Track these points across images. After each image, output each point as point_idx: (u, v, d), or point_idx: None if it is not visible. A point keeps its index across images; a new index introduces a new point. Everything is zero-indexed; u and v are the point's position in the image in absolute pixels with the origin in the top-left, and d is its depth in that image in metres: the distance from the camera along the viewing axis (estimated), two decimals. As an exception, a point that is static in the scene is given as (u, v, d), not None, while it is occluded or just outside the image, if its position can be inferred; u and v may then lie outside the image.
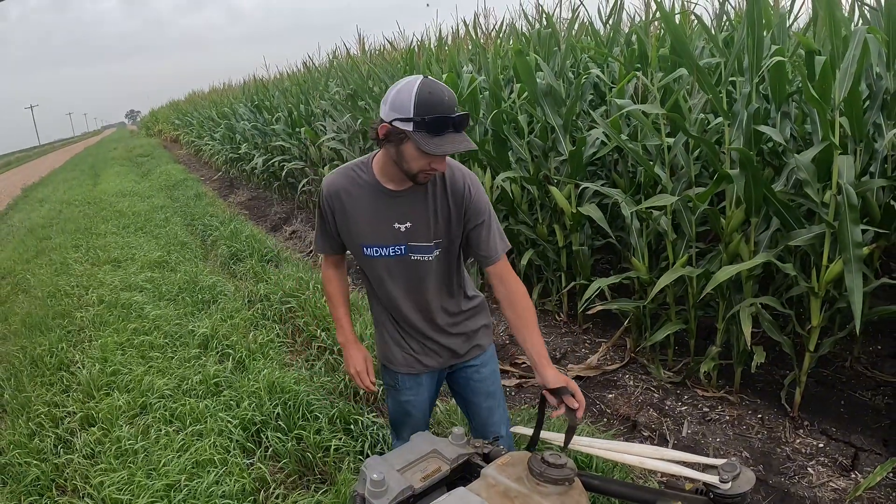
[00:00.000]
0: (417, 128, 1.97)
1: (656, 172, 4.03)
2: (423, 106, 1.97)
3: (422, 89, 1.98)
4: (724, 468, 1.60)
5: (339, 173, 2.31)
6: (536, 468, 1.72)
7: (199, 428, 3.66)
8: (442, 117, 1.97)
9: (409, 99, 1.97)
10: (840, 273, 3.27)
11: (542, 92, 4.68)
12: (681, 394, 4.17)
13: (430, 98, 1.97)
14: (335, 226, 2.34)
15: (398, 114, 2.00)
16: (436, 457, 2.00)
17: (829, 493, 3.19)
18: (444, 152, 2.00)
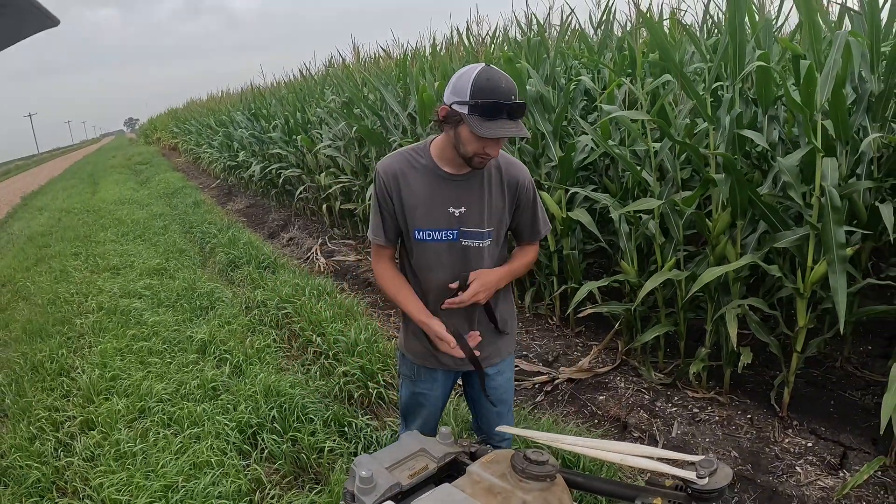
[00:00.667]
0: (472, 111, 2.06)
1: (643, 177, 4.10)
2: (479, 91, 2.05)
3: (480, 75, 2.07)
4: (701, 464, 1.63)
5: (395, 156, 2.35)
6: (519, 465, 1.77)
7: (197, 431, 3.74)
8: (496, 103, 2.05)
9: (468, 83, 2.06)
10: (825, 274, 3.32)
11: (532, 99, 4.76)
12: (671, 395, 4.22)
13: (486, 84, 2.06)
14: (394, 208, 2.34)
15: (457, 97, 2.09)
16: (423, 455, 2.06)
17: (816, 492, 3.22)
18: (495, 135, 2.06)
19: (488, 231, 2.36)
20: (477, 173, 2.32)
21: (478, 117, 2.06)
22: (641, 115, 3.90)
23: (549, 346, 5.05)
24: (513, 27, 7.17)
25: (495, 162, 2.34)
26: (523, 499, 1.73)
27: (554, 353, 4.92)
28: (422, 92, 5.71)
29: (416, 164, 2.32)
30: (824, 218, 3.28)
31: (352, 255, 8.10)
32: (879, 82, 3.68)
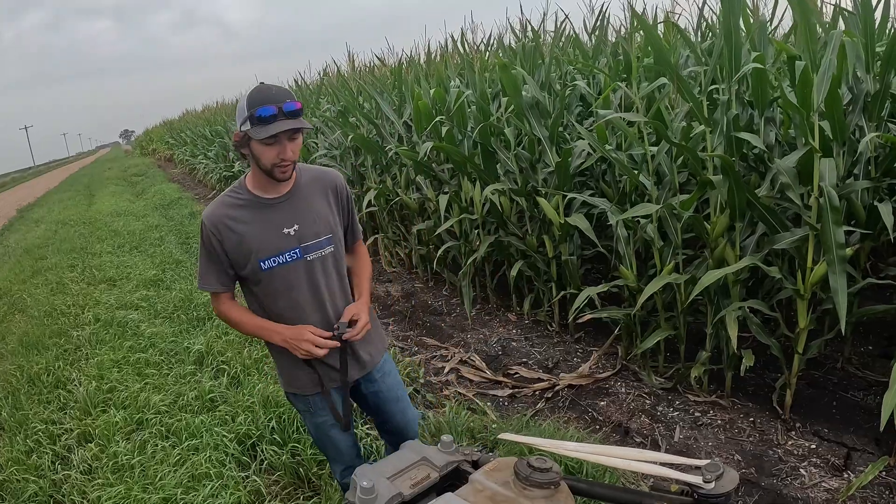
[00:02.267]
0: (252, 123, 2.16)
1: (641, 181, 4.09)
2: (252, 102, 2.16)
3: (252, 92, 2.19)
4: (707, 468, 1.60)
5: (217, 204, 2.38)
6: (522, 472, 1.74)
7: (195, 442, 3.71)
8: (268, 106, 2.13)
9: (244, 102, 2.18)
10: (824, 275, 3.31)
11: (528, 105, 4.75)
12: (672, 399, 4.20)
13: (258, 95, 2.17)
14: (225, 255, 2.36)
15: (240, 118, 2.20)
16: (425, 464, 2.04)
17: (821, 494, 3.21)
18: (271, 132, 2.13)
19: (326, 238, 2.45)
20: (295, 190, 2.41)
21: (258, 126, 2.15)
22: (638, 117, 3.89)
23: (549, 353, 5.03)
24: (507, 34, 7.17)
25: (307, 176, 2.46)
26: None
27: (554, 360, 4.90)
28: (417, 100, 5.69)
29: (239, 202, 2.36)
30: (823, 218, 3.27)
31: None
32: (875, 82, 3.68)
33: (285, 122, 2.17)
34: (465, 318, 5.80)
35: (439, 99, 5.64)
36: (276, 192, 2.38)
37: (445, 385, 4.66)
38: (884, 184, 3.78)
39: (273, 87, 2.25)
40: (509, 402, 4.42)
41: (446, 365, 4.93)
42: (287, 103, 2.18)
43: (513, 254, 5.45)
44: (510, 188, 5.09)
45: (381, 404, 2.72)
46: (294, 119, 2.20)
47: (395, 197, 6.75)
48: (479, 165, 5.22)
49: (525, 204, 5.10)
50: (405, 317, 6.15)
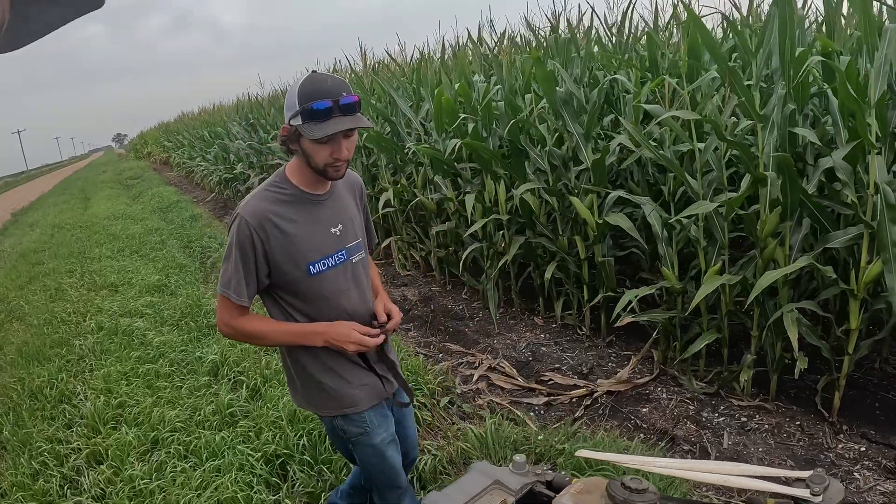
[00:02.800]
0: (305, 118, 1.98)
1: (689, 179, 3.89)
2: (305, 96, 1.97)
3: (304, 83, 2.00)
4: (812, 480, 1.52)
5: (259, 197, 2.13)
6: (619, 495, 1.57)
7: (218, 463, 3.43)
8: (323, 101, 1.96)
9: (295, 94, 2.00)
10: (879, 274, 3.23)
11: (562, 100, 4.51)
12: (716, 405, 4.04)
13: (311, 87, 1.98)
14: (265, 258, 2.09)
15: (290, 111, 2.01)
16: (499, 488, 1.88)
17: (878, 497, 3.11)
18: (328, 132, 1.96)
19: (359, 242, 2.31)
20: (336, 186, 2.25)
21: (310, 123, 1.98)
22: (692, 115, 3.69)
23: (582, 358, 4.81)
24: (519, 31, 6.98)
25: None
26: None
27: (588, 365, 4.68)
28: (439, 96, 5.43)
29: (284, 197, 2.14)
30: (879, 216, 3.18)
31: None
32: None
33: (341, 120, 1.98)
34: (489, 322, 5.58)
35: (463, 95, 5.39)
36: (323, 188, 2.20)
37: (477, 394, 4.42)
38: None
39: (328, 76, 2.05)
40: (545, 411, 4.20)
41: (475, 372, 4.69)
42: (344, 97, 1.98)
43: (541, 255, 5.22)
44: (542, 187, 4.84)
45: (403, 420, 2.55)
46: (351, 115, 2.01)
47: (413, 198, 6.49)
48: (507, 163, 4.97)
49: (556, 204, 4.85)
50: (426, 322, 5.89)
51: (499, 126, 5.24)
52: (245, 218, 2.06)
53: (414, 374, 4.27)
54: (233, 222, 2.10)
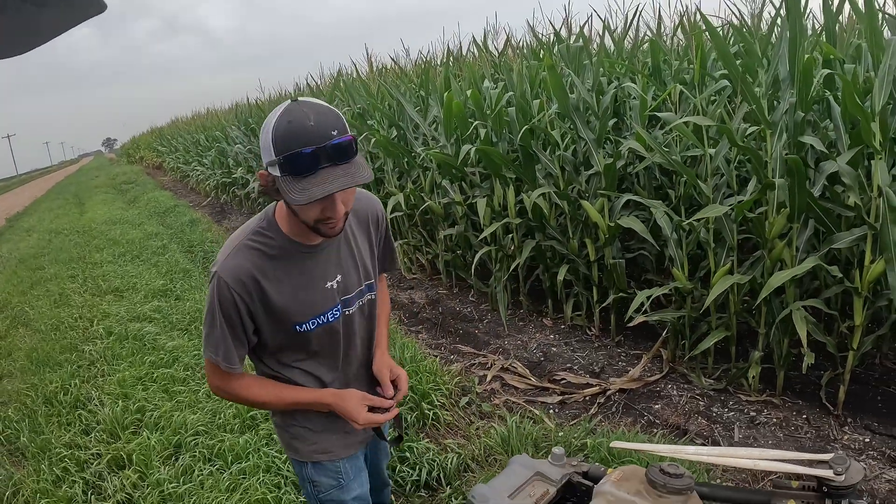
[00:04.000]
0: (283, 171, 1.55)
1: (699, 183, 3.99)
2: (281, 141, 1.53)
3: (280, 120, 1.54)
4: (834, 461, 1.62)
5: (241, 253, 1.76)
6: (658, 480, 1.69)
7: (244, 465, 3.49)
8: (305, 148, 1.51)
9: (267, 137, 1.56)
10: (882, 272, 3.38)
11: (574, 106, 4.59)
12: (725, 400, 4.15)
13: (289, 128, 1.53)
14: (251, 320, 1.80)
15: (266, 156, 1.58)
16: (540, 479, 1.99)
17: (884, 485, 3.25)
18: (312, 197, 1.53)
19: (368, 284, 1.99)
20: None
21: (290, 178, 1.54)
22: (706, 121, 3.80)
23: (592, 357, 4.89)
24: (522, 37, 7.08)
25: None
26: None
27: (599, 364, 4.76)
28: (449, 101, 5.50)
29: (271, 251, 1.78)
30: (882, 218, 3.34)
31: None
32: None
33: (331, 174, 1.55)
34: (498, 324, 5.65)
35: (475, 101, 5.46)
36: (316, 237, 1.81)
37: (492, 394, 4.49)
38: None
39: (311, 108, 1.56)
40: (560, 409, 4.29)
41: (488, 373, 4.76)
42: (334, 139, 1.54)
43: (551, 258, 5.30)
44: (554, 191, 4.92)
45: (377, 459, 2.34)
46: (345, 164, 1.57)
47: (421, 202, 6.55)
48: (518, 168, 5.05)
49: (567, 207, 4.93)
50: (435, 324, 5.96)
51: (509, 132, 5.32)
52: (224, 279, 1.73)
53: (432, 375, 4.33)
54: (211, 280, 1.76)
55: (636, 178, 4.96)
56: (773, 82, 3.79)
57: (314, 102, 1.59)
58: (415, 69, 7.61)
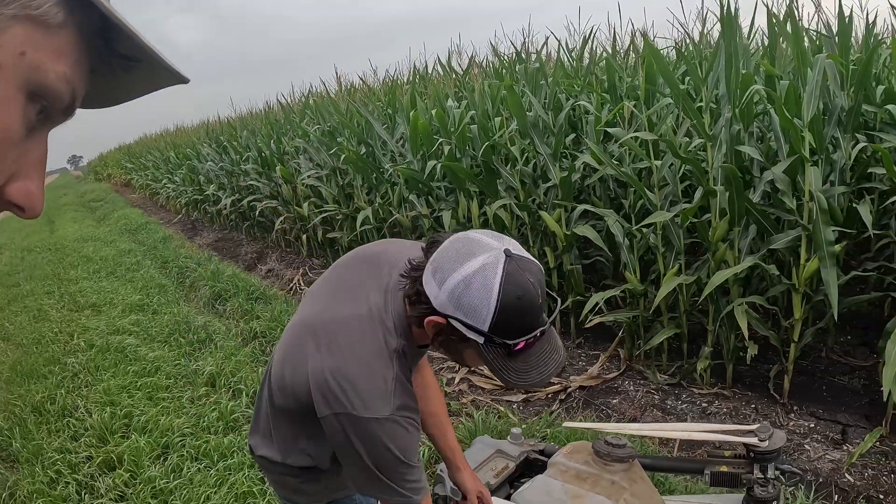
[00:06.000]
0: (492, 343, 1.34)
1: (647, 193, 4.32)
2: (506, 321, 1.31)
3: (508, 293, 1.29)
4: (759, 430, 1.87)
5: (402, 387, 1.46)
6: (603, 450, 1.96)
7: (229, 463, 3.74)
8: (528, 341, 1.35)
9: (487, 308, 1.30)
10: (816, 270, 3.67)
11: (531, 123, 4.92)
12: (679, 394, 4.45)
13: (519, 306, 1.30)
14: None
15: (466, 317, 1.33)
16: (501, 456, 2.23)
17: (827, 465, 3.55)
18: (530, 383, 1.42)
19: None
20: None
21: (501, 353, 1.36)
22: (650, 136, 4.13)
23: (555, 359, 5.17)
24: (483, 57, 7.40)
25: None
26: (611, 479, 1.91)
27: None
28: (415, 120, 5.82)
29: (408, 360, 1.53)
30: (814, 219, 3.64)
31: (336, 283, 8.11)
32: (849, 98, 4.02)
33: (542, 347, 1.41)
34: (465, 331, 5.90)
35: (439, 119, 5.77)
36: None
37: (460, 394, 4.77)
38: (854, 188, 4.20)
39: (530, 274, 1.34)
40: (524, 406, 4.56)
41: (456, 376, 5.04)
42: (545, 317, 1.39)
43: (513, 267, 5.60)
44: (512, 203, 5.24)
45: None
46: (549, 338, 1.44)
47: (389, 216, 6.84)
48: (481, 182, 5.37)
49: (527, 218, 5.26)
50: (404, 332, 6.22)
51: (472, 148, 5.64)
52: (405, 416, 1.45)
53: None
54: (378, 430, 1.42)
55: (593, 189, 5.28)
56: (715, 96, 4.15)
57: (528, 259, 1.37)
58: (382, 87, 7.90)
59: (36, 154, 0.53)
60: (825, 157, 4.00)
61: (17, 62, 0.47)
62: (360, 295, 1.54)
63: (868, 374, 4.27)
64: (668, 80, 4.21)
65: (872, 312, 4.74)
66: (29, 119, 0.50)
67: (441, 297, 1.35)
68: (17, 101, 0.48)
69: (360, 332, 1.47)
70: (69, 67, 0.51)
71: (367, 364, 1.44)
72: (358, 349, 1.46)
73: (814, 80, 3.66)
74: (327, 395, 1.42)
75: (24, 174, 0.52)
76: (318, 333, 1.50)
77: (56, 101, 0.51)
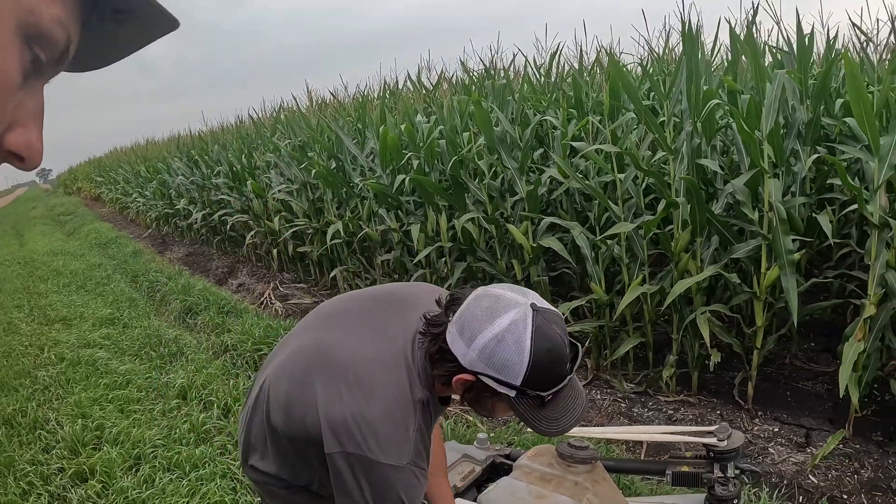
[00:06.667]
0: (524, 396, 1.39)
1: (611, 205, 4.44)
2: (539, 375, 1.36)
3: (539, 346, 1.35)
4: (718, 431, 1.96)
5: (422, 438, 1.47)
6: (566, 452, 2.04)
7: (201, 473, 3.78)
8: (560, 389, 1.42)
9: (520, 363, 1.34)
10: (777, 278, 3.79)
11: (499, 138, 5.04)
12: (645, 402, 4.55)
13: (550, 359, 1.36)
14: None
15: (498, 374, 1.36)
16: (468, 460, 2.31)
17: (791, 467, 3.66)
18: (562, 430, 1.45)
19: None
20: None
21: (531, 404, 1.41)
22: (613, 148, 4.25)
23: (523, 371, 5.26)
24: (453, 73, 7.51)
25: None
26: (574, 480, 1.99)
27: (528, 377, 5.13)
28: (385, 135, 5.91)
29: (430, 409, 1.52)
30: (773, 229, 3.77)
31: (307, 298, 8.16)
32: (808, 111, 4.17)
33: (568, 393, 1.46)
34: (435, 342, 5.97)
35: (408, 134, 5.87)
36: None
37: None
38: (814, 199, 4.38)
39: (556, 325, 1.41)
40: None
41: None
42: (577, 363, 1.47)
43: (482, 278, 5.71)
44: (480, 216, 5.35)
45: None
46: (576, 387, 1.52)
47: (359, 230, 6.92)
48: (449, 196, 5.47)
49: (495, 231, 5.36)
50: (375, 345, 6.28)
51: (440, 162, 5.74)
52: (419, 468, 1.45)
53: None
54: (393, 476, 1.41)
55: (560, 203, 5.39)
56: (679, 111, 4.28)
57: (553, 310, 1.44)
58: (353, 103, 7.99)
59: (32, 104, 0.52)
60: (786, 168, 4.14)
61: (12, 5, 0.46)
62: (387, 337, 1.52)
63: (831, 379, 4.38)
64: (630, 95, 4.34)
65: (836, 319, 4.88)
66: (25, 65, 0.49)
67: (471, 356, 1.37)
68: (13, 45, 0.47)
69: (386, 376, 1.46)
70: (64, 11, 0.50)
71: (390, 410, 1.43)
72: (382, 393, 1.44)
73: (772, 95, 3.81)
74: (341, 435, 1.40)
75: (21, 123, 0.51)
76: (336, 367, 1.48)
77: (52, 46, 0.50)
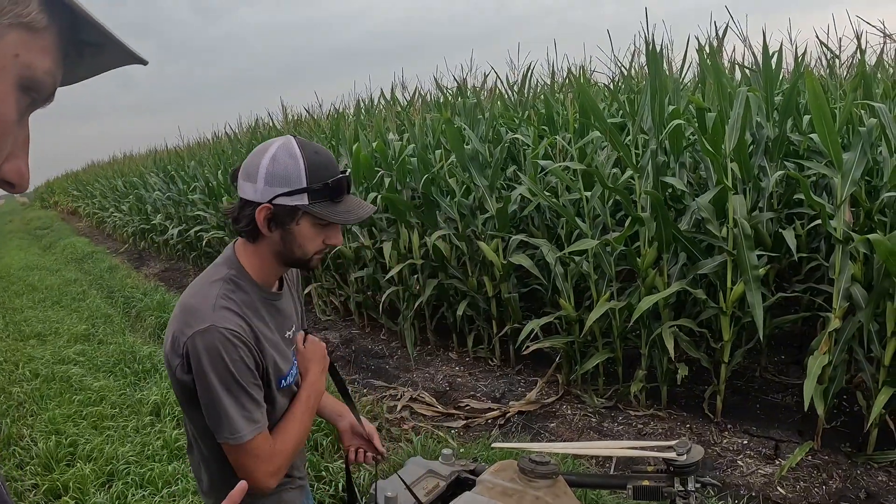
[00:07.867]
0: (315, 198, 1.55)
1: (578, 222, 4.53)
2: (317, 170, 1.55)
3: (308, 152, 1.56)
4: (678, 446, 1.97)
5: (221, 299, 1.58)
6: (527, 467, 2.07)
7: (173, 489, 3.81)
8: (341, 178, 1.58)
9: (297, 166, 1.53)
10: (742, 293, 3.87)
11: (469, 156, 5.13)
12: (615, 416, 4.63)
13: (318, 159, 1.57)
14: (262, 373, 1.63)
15: (284, 187, 1.54)
16: (432, 476, 2.34)
17: (759, 479, 3.74)
18: (358, 217, 1.63)
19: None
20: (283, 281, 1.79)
21: (326, 203, 1.56)
22: (579, 165, 4.35)
23: (494, 385, 5.35)
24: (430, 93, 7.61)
25: None
26: (535, 495, 2.03)
27: (500, 391, 5.22)
28: (357, 153, 6.00)
29: (247, 295, 1.64)
30: (738, 245, 3.86)
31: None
32: (774, 128, 4.29)
33: (359, 203, 1.65)
34: (408, 359, 6.07)
35: (380, 152, 5.96)
36: (277, 285, 1.76)
37: (402, 420, 4.89)
38: (783, 214, 4.48)
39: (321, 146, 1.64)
40: (465, 432, 4.70)
41: (398, 403, 5.17)
42: (349, 175, 1.64)
43: (453, 295, 5.78)
44: (451, 233, 5.44)
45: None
46: (357, 197, 1.67)
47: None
48: (420, 213, 5.55)
49: (465, 248, 5.45)
50: (348, 362, 6.35)
51: (412, 180, 5.83)
52: (228, 335, 1.52)
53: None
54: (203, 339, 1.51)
55: (531, 219, 5.49)
56: (648, 129, 4.38)
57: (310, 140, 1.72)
58: (328, 120, 8.07)
59: (22, 136, 0.63)
60: (753, 184, 4.26)
61: (13, 63, 0.58)
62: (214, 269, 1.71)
63: (800, 392, 4.38)
64: (595, 114, 4.44)
65: (806, 331, 4.96)
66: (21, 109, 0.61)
67: (259, 186, 1.55)
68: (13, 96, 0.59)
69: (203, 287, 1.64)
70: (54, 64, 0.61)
71: (196, 293, 1.63)
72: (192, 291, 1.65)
73: (735, 112, 3.91)
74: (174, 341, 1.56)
75: (15, 154, 0.62)
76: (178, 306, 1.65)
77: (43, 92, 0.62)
